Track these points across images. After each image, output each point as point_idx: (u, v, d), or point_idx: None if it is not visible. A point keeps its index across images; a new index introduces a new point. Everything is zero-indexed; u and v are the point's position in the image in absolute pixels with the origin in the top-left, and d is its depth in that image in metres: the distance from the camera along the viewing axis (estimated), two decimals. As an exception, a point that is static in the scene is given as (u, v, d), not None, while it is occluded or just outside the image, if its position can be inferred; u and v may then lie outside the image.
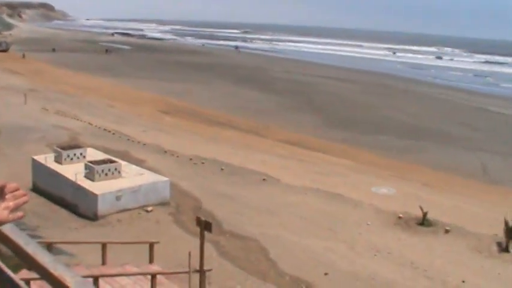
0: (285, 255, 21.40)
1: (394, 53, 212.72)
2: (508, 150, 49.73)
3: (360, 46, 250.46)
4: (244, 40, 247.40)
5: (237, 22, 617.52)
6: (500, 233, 24.89)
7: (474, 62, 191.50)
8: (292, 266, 20.41)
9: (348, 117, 62.00)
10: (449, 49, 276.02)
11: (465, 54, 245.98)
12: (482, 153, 47.94)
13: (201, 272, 16.34)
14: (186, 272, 16.16)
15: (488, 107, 76.74)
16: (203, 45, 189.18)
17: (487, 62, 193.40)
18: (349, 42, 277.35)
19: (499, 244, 24.63)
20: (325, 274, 20.00)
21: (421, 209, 27.16)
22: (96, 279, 14.46)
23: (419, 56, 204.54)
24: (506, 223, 24.54)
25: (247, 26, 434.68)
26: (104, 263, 17.53)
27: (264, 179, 33.03)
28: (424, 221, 26.88)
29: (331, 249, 22.67)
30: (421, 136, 53.83)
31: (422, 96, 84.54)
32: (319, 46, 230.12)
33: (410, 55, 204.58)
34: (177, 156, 36.89)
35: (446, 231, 26.00)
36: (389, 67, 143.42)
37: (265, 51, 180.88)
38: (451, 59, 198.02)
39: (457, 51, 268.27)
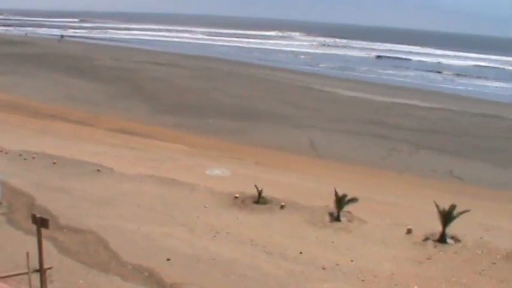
0: (125, 244, 21.45)
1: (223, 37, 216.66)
2: (331, 126, 52.82)
3: (192, 32, 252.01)
4: (72, 28, 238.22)
5: (74, 11, 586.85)
6: (331, 204, 26.69)
7: (307, 44, 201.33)
8: (134, 254, 20.54)
9: (177, 102, 62.54)
10: (289, 32, 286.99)
11: (300, 37, 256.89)
12: (309, 130, 50.60)
13: (42, 271, 16.03)
14: (25, 273, 15.78)
15: (312, 85, 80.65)
16: (26, 34, 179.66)
17: (319, 44, 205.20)
18: (182, 28, 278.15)
19: (330, 214, 26.44)
20: (167, 259, 20.34)
21: (256, 187, 28.27)
22: None
23: (252, 40, 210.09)
24: (336, 194, 26.35)
25: (84, 15, 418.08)
26: None
27: (98, 170, 32.61)
28: (259, 199, 28.03)
29: (171, 234, 23.03)
30: (250, 116, 55.59)
31: (250, 78, 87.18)
32: (149, 32, 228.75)
33: (242, 39, 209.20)
34: (6, 153, 35.32)
35: (282, 207, 27.32)
36: (218, 51, 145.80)
37: (93, 39, 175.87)
38: (281, 42, 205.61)
39: (297, 34, 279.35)
